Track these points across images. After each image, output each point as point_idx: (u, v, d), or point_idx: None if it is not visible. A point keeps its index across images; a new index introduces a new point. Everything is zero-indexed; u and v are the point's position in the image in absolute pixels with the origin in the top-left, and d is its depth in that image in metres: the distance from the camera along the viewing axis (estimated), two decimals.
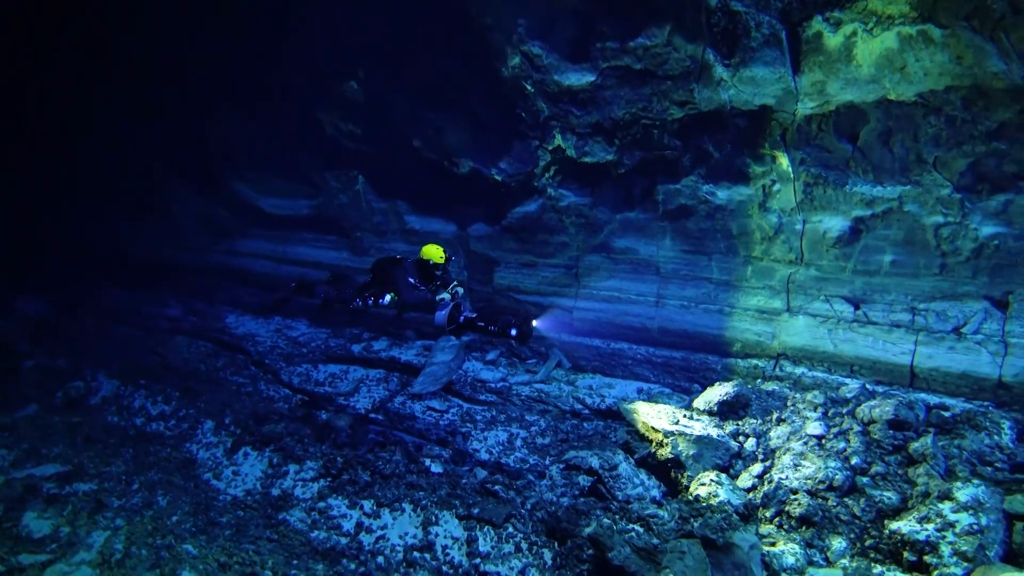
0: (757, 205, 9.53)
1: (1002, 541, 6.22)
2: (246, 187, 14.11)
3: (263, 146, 13.45)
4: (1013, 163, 8.27)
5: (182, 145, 14.12)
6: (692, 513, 6.56)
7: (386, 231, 12.70)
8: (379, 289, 9.20)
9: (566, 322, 10.78)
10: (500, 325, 8.62)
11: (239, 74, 12.60)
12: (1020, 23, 7.70)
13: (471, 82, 10.51)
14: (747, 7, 8.87)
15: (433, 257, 9.07)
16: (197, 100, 13.31)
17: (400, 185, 12.26)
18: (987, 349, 8.57)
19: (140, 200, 15.38)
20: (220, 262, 14.66)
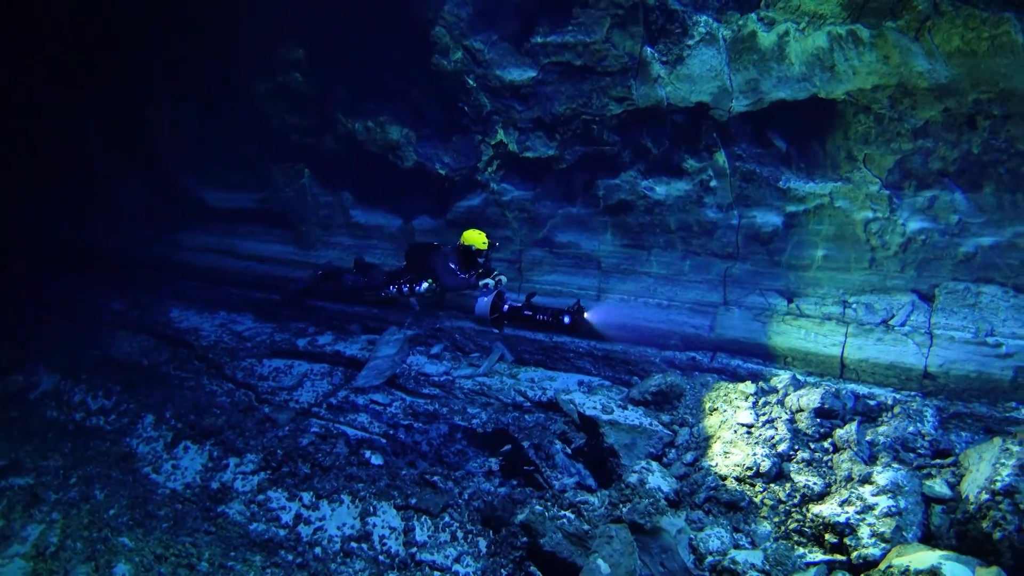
0: (695, 200, 9.70)
1: (920, 523, 6.44)
2: (192, 179, 13.97)
3: (209, 138, 13.34)
4: (938, 160, 8.55)
5: (128, 134, 13.93)
6: (621, 499, 6.70)
7: (332, 225, 12.66)
8: (415, 276, 8.79)
9: (616, 313, 10.33)
10: (550, 314, 8.14)
11: (186, 64, 12.50)
12: (944, 25, 7.97)
13: (414, 76, 10.56)
14: (685, 6, 9.05)
15: (475, 243, 8.54)
16: (143, 87, 13.16)
17: (346, 178, 12.25)
18: (914, 340, 8.83)
19: (83, 188, 15.12)
20: (165, 254, 14.49)
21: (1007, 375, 8.43)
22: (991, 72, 7.93)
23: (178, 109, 13.20)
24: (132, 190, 14.78)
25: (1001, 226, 8.65)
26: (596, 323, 9.00)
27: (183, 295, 14.12)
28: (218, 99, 12.58)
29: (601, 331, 9.74)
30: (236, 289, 13.60)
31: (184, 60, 12.38)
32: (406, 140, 11.07)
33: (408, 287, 8.73)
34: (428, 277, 8.64)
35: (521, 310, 8.35)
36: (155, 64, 12.78)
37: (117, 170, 14.63)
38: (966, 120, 8.26)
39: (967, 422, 8.45)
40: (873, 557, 5.99)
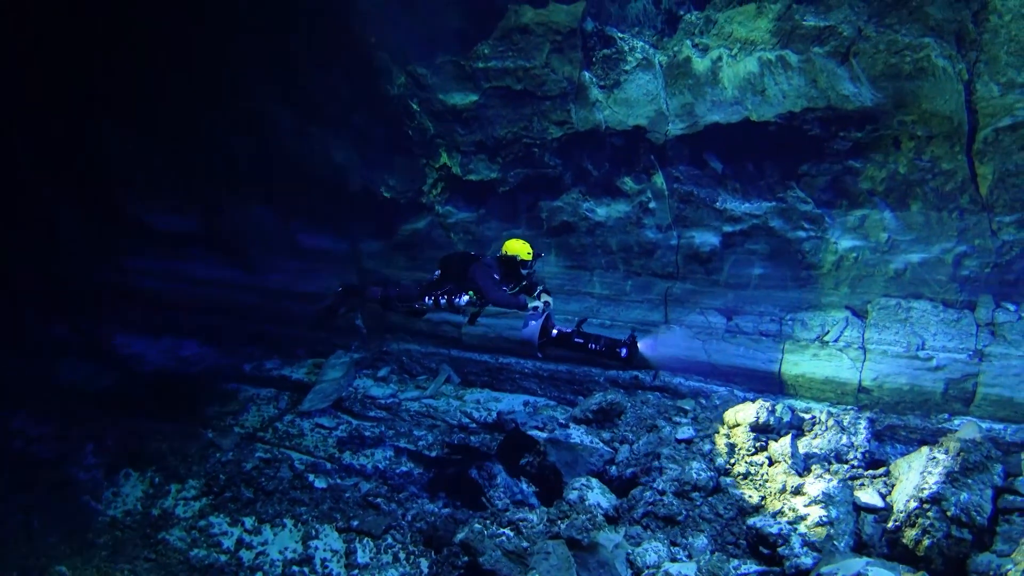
0: (635, 221, 9.89)
1: (852, 532, 6.62)
2: (136, 202, 13.77)
3: (154, 161, 13.21)
4: (867, 180, 8.84)
5: (66, 154, 13.70)
6: (560, 516, 6.75)
7: (278, 249, 12.60)
8: (455, 287, 7.94)
9: (670, 344, 9.92)
10: (604, 344, 7.50)
11: (129, 85, 12.38)
12: (868, 49, 8.29)
13: (358, 99, 10.61)
14: (622, 32, 9.30)
15: (520, 253, 7.76)
16: (85, 108, 12.99)
17: (291, 202, 12.20)
18: (848, 355, 9.07)
19: (23, 209, 14.79)
20: (108, 279, 14.24)
21: (939, 387, 8.69)
22: (914, 95, 8.27)
23: (120, 129, 13.04)
24: (72, 212, 14.51)
25: (929, 243, 8.95)
26: (651, 356, 8.60)
27: (127, 320, 13.88)
28: (163, 120, 12.47)
29: (656, 364, 9.55)
30: (181, 314, 13.43)
31: (129, 80, 12.26)
32: (351, 163, 11.10)
33: (447, 299, 7.96)
34: (469, 289, 7.82)
35: (571, 337, 7.71)
36: (99, 85, 12.64)
37: (56, 191, 14.36)
38: (892, 141, 8.57)
39: (901, 434, 8.70)
40: (805, 566, 6.13)
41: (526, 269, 7.82)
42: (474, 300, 7.77)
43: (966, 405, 8.67)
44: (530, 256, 7.78)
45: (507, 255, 7.80)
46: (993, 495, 6.47)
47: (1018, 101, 8.05)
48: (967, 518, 6.20)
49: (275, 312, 12.29)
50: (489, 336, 10.84)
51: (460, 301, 7.84)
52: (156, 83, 11.88)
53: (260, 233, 12.64)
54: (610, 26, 9.38)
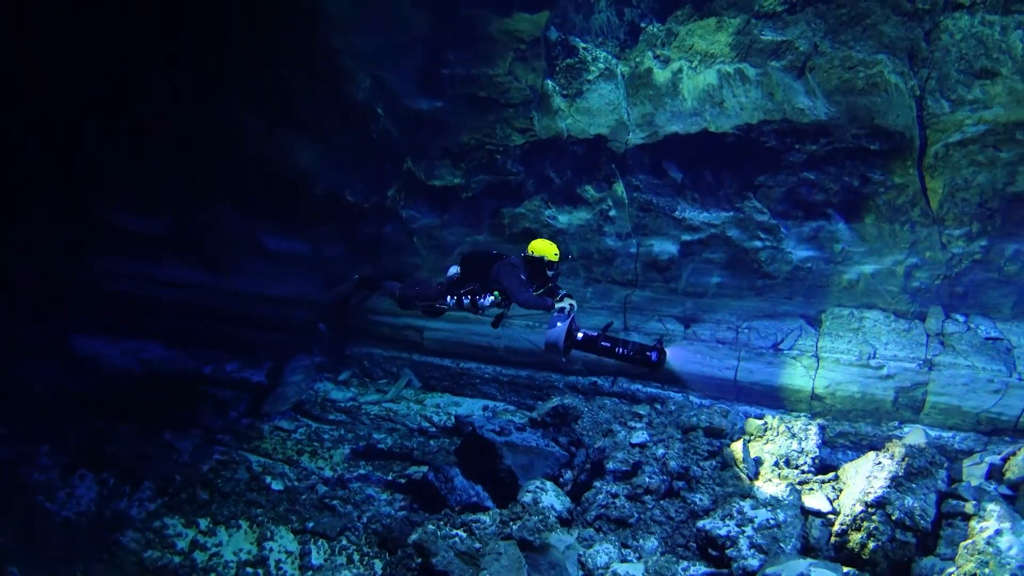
0: (595, 229, 10.01)
1: (799, 535, 6.73)
2: (103, 203, 13.67)
3: (122, 161, 13.11)
4: (821, 192, 9.04)
5: (38, 154, 13.57)
6: (512, 517, 6.81)
7: (244, 251, 12.57)
8: (479, 287, 7.59)
9: (692, 351, 9.87)
10: (632, 349, 7.12)
11: (99, 86, 12.29)
12: (823, 64, 8.51)
13: (324, 103, 10.61)
14: (586, 43, 9.44)
15: (547, 254, 7.45)
16: (56, 108, 12.89)
17: (258, 205, 12.19)
18: (802, 363, 9.25)
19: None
20: (72, 279, 14.11)
21: (889, 395, 8.90)
22: (867, 109, 8.50)
23: (89, 129, 12.94)
24: (37, 211, 14.37)
25: (881, 255, 9.18)
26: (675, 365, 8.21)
27: (90, 321, 13.75)
28: (132, 121, 12.39)
29: (677, 372, 9.39)
30: (145, 316, 13.33)
31: (99, 81, 12.19)
32: (317, 167, 11.11)
33: (470, 299, 7.59)
34: (494, 289, 7.47)
35: (598, 341, 7.21)
36: (70, 86, 12.54)
37: (20, 189, 14.22)
38: (846, 154, 8.77)
39: (852, 441, 8.88)
40: (752, 568, 6.23)
41: (552, 270, 7.55)
42: (499, 301, 7.49)
43: (916, 413, 8.88)
44: (557, 257, 7.52)
45: (534, 256, 7.50)
46: (937, 500, 6.63)
47: (968, 118, 8.31)
48: (911, 522, 6.34)
49: (240, 315, 12.24)
50: (451, 341, 10.89)
51: (484, 301, 7.53)
52: (126, 83, 11.83)
53: (226, 236, 12.59)
54: (574, 36, 9.53)
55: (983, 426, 8.64)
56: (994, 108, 8.21)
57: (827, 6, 8.48)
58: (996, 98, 8.19)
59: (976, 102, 8.26)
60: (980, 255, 8.88)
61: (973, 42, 8.11)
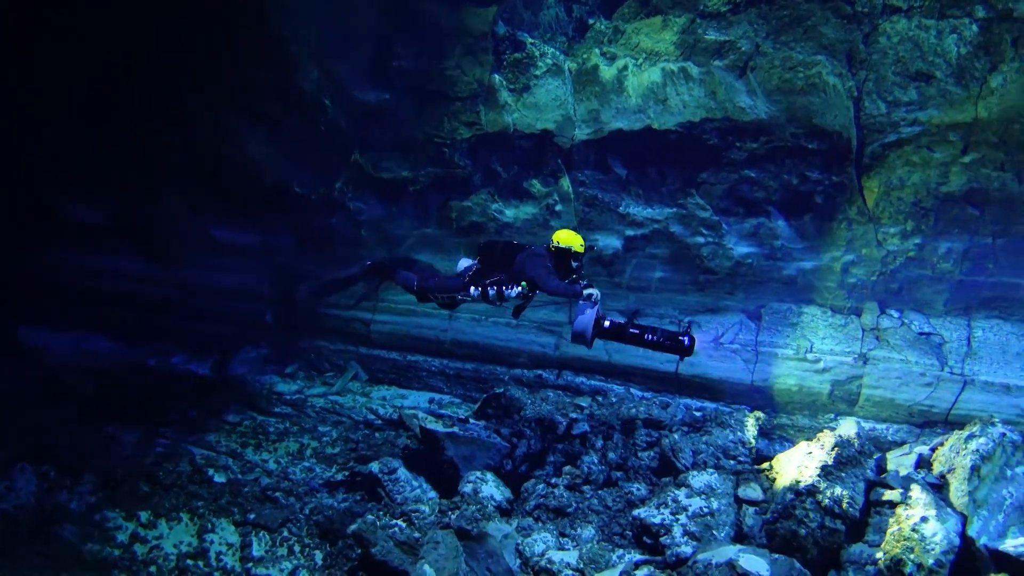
0: (541, 223, 10.09)
1: (732, 523, 6.90)
2: (49, 192, 13.42)
3: (68, 150, 12.88)
4: (762, 189, 9.23)
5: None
6: (451, 507, 6.88)
7: (191, 242, 12.43)
8: (505, 277, 7.48)
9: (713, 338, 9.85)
10: (663, 335, 7.11)
11: (43, 73, 12.06)
12: (764, 64, 8.68)
13: (273, 93, 10.53)
14: (533, 38, 9.51)
15: (574, 245, 7.36)
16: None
17: (206, 195, 12.06)
18: (741, 357, 9.43)
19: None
20: (14, 269, 13.83)
21: (825, 388, 9.13)
22: (805, 109, 8.69)
23: (34, 117, 12.70)
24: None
25: (819, 251, 9.40)
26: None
27: (34, 312, 13.50)
28: (77, 109, 12.19)
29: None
30: (90, 307, 13.12)
31: (43, 68, 11.97)
32: (265, 157, 11.02)
33: (496, 290, 7.46)
34: (521, 280, 7.38)
35: (626, 328, 7.26)
36: (13, 73, 12.30)
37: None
38: (786, 153, 8.96)
39: (790, 433, 9.09)
40: (684, 555, 6.36)
41: (576, 262, 7.48)
42: (526, 292, 7.44)
43: (851, 406, 9.12)
44: (583, 248, 7.48)
45: (560, 246, 7.41)
46: (866, 488, 6.83)
47: (903, 119, 8.55)
48: (840, 510, 6.52)
49: (186, 306, 12.11)
50: (398, 334, 10.90)
51: (511, 292, 7.44)
52: (70, 70, 11.63)
53: (174, 226, 12.45)
54: (522, 31, 9.60)
55: (916, 418, 8.90)
56: (928, 110, 8.45)
57: (769, 7, 8.64)
58: (931, 100, 8.42)
59: (911, 104, 8.49)
60: (914, 252, 9.13)
61: (909, 45, 8.32)
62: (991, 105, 8.23)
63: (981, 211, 8.75)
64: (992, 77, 8.17)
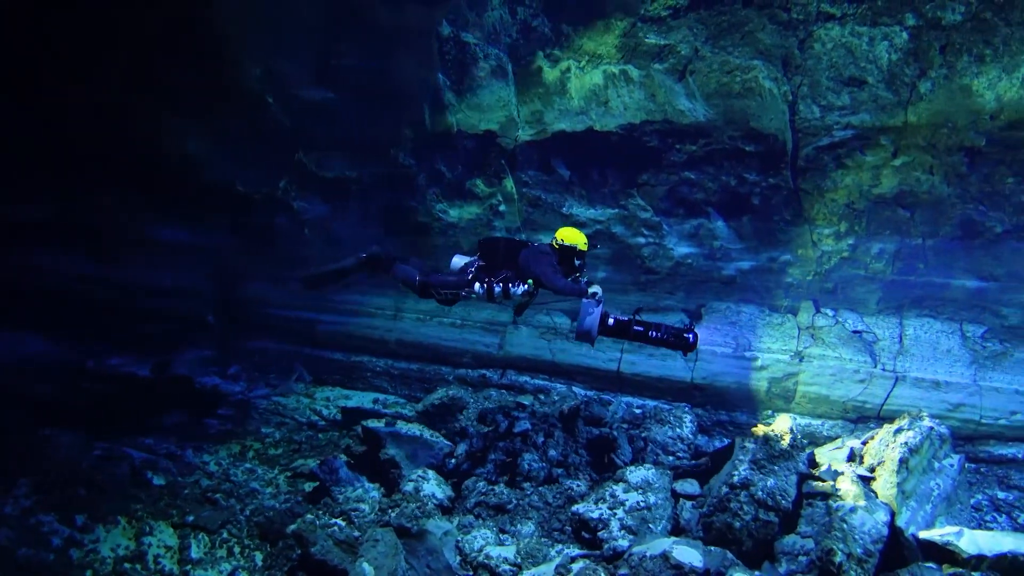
0: (485, 223, 10.17)
1: (669, 517, 7.02)
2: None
3: (2, 146, 12.58)
4: (701, 191, 9.40)
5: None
6: (391, 505, 6.90)
7: (132, 240, 12.23)
8: (512, 275, 7.31)
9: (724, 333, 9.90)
10: (667, 332, 7.12)
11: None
12: (703, 68, 8.86)
13: (214, 91, 10.42)
14: (477, 39, 9.57)
15: (578, 243, 7.28)
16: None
17: (148, 193, 11.88)
18: (681, 355, 9.58)
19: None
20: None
21: (763, 385, 9.34)
22: (742, 113, 8.88)
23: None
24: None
25: (757, 252, 9.62)
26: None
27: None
28: (13, 104, 11.92)
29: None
30: (26, 307, 12.83)
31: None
32: (206, 156, 10.90)
33: (502, 287, 7.31)
34: (527, 278, 7.22)
35: (630, 325, 7.22)
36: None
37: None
38: (724, 155, 9.15)
39: (729, 429, 9.27)
40: (621, 548, 6.46)
41: (580, 259, 7.39)
42: (531, 290, 7.29)
43: (788, 402, 9.34)
44: (586, 246, 7.40)
45: (565, 244, 7.31)
46: (798, 481, 6.97)
47: (836, 123, 8.79)
48: (773, 502, 6.66)
49: (126, 306, 11.91)
50: (344, 334, 10.88)
51: (517, 290, 7.29)
52: (4, 67, 11.38)
53: (113, 224, 12.23)
54: (466, 32, 9.64)
55: (850, 414, 9.14)
56: (861, 114, 8.69)
57: (708, 12, 8.82)
58: (863, 105, 8.67)
59: (844, 108, 8.72)
60: (848, 253, 9.38)
61: (843, 51, 8.56)
62: (920, 110, 8.49)
63: (911, 213, 9.02)
64: (921, 83, 8.43)
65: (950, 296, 9.31)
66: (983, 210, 8.78)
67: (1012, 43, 8.09)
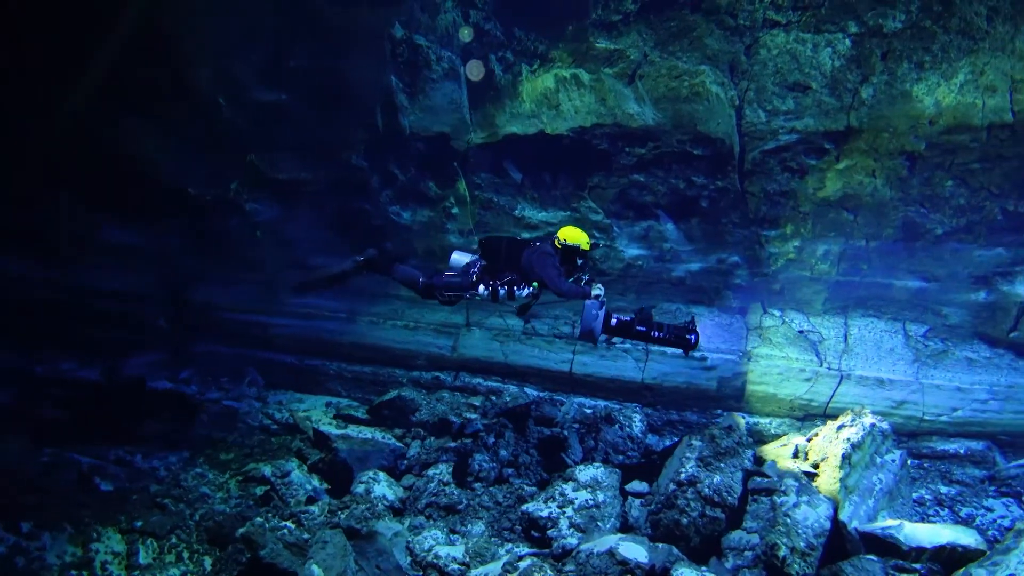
0: (438, 226, 10.21)
1: (618, 515, 7.12)
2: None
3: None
4: (650, 193, 9.54)
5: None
6: (340, 507, 6.91)
7: (83, 243, 12.05)
8: (516, 277, 7.26)
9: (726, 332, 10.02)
10: (669, 331, 7.17)
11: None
12: (652, 73, 8.99)
13: (166, 91, 10.32)
14: (430, 42, 9.60)
15: (581, 243, 7.24)
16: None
17: (99, 195, 11.71)
18: (632, 356, 9.72)
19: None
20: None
21: (712, 385, 9.50)
22: (690, 117, 9.03)
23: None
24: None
25: (706, 254, 9.79)
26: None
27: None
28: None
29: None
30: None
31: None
32: (159, 157, 10.78)
33: (507, 289, 7.26)
34: (531, 280, 7.21)
35: (633, 325, 7.24)
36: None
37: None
38: (672, 158, 9.29)
39: (680, 428, 9.40)
40: (571, 546, 6.52)
41: (582, 259, 7.37)
42: (535, 291, 7.28)
43: (737, 401, 9.52)
44: (589, 246, 7.38)
45: (567, 244, 7.25)
46: (743, 477, 7.12)
47: (782, 127, 8.97)
48: (719, 498, 6.80)
49: (77, 310, 11.73)
50: (297, 337, 10.83)
51: (522, 292, 7.28)
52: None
53: (64, 226, 12.04)
54: (419, 34, 9.66)
55: (796, 412, 9.34)
56: (805, 119, 8.89)
57: (657, 18, 8.97)
58: (807, 110, 8.87)
59: (789, 113, 8.91)
60: (794, 255, 9.58)
61: (788, 57, 8.75)
62: (862, 115, 8.71)
63: (855, 215, 9.24)
64: (863, 89, 8.64)
65: (893, 296, 9.55)
66: (924, 212, 9.02)
67: (950, 50, 8.32)
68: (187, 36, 9.77)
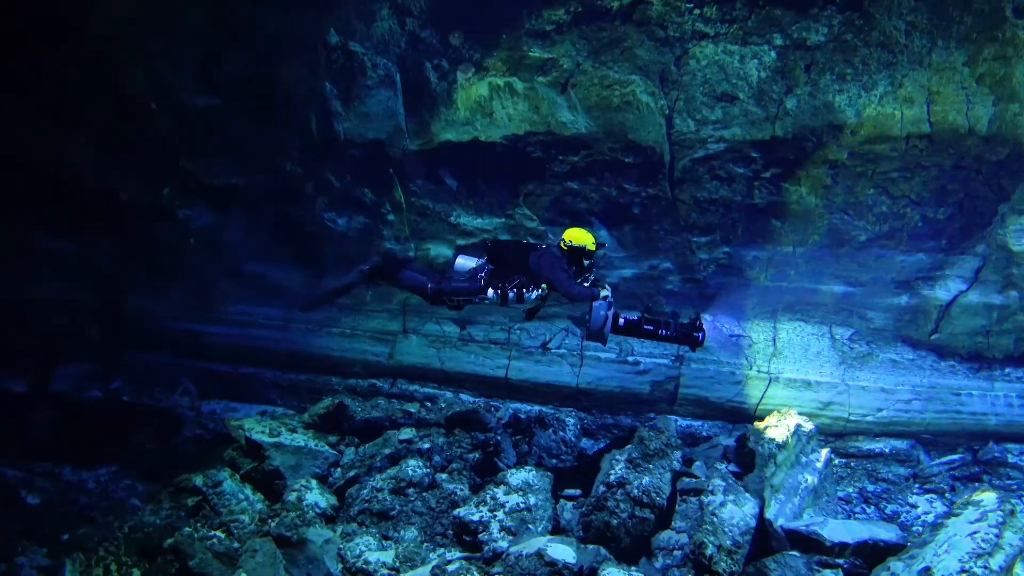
0: (374, 233, 10.20)
1: (550, 518, 7.21)
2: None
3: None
4: (584, 200, 9.68)
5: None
6: (271, 515, 6.88)
7: (9, 249, 11.73)
8: (524, 280, 7.36)
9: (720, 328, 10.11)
10: (676, 329, 7.31)
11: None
12: (584, 82, 9.13)
13: (94, 95, 10.13)
14: (365, 48, 9.61)
15: (587, 244, 7.33)
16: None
17: (25, 201, 11.42)
18: (567, 361, 9.85)
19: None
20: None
21: (645, 389, 9.67)
22: (621, 125, 9.18)
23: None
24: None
25: (639, 260, 9.96)
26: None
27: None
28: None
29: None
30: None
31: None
32: (86, 162, 10.56)
33: (516, 292, 7.36)
34: (540, 282, 7.33)
35: (640, 324, 7.43)
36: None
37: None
38: (605, 166, 9.44)
39: (615, 432, 9.54)
40: (501, 549, 6.57)
41: (588, 260, 7.46)
42: (544, 294, 7.41)
43: (670, 404, 9.71)
44: (595, 247, 7.46)
45: (574, 246, 7.39)
46: (672, 478, 7.28)
47: (710, 136, 9.18)
48: (648, 499, 6.93)
49: (2, 319, 11.43)
50: (232, 345, 10.72)
51: (531, 295, 7.40)
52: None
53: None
54: (354, 41, 9.65)
55: (727, 414, 9.57)
56: (732, 128, 9.09)
57: (590, 28, 9.08)
58: (734, 119, 9.07)
59: (718, 122, 9.11)
60: (724, 260, 9.80)
61: (716, 68, 8.94)
62: (787, 125, 8.95)
63: (782, 222, 9.48)
64: (787, 99, 8.88)
65: (820, 301, 9.84)
66: (848, 219, 9.31)
67: (871, 63, 8.61)
68: (119, 40, 9.62)
